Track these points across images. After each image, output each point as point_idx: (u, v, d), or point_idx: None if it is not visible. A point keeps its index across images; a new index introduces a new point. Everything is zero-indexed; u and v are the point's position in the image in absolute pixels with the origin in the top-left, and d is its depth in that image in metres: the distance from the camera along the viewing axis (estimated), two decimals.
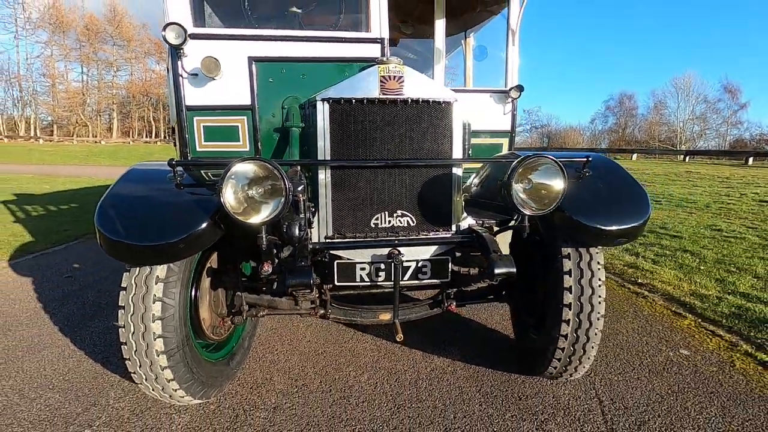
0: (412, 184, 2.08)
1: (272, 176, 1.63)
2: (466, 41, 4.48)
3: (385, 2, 2.30)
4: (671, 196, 10.43)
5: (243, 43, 2.25)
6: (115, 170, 22.96)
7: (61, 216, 8.30)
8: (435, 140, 2.09)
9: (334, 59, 2.29)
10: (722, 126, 49.70)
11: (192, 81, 2.22)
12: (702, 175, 15.37)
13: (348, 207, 2.06)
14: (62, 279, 4.39)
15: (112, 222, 1.67)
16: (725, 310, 3.47)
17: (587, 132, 59.57)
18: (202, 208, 1.72)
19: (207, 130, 2.31)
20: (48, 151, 34.88)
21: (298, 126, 2.26)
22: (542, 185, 1.84)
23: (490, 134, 3.53)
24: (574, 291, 2.03)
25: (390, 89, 1.99)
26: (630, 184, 2.14)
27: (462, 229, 2.18)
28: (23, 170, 20.80)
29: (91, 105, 59.23)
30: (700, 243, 5.74)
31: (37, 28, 54.18)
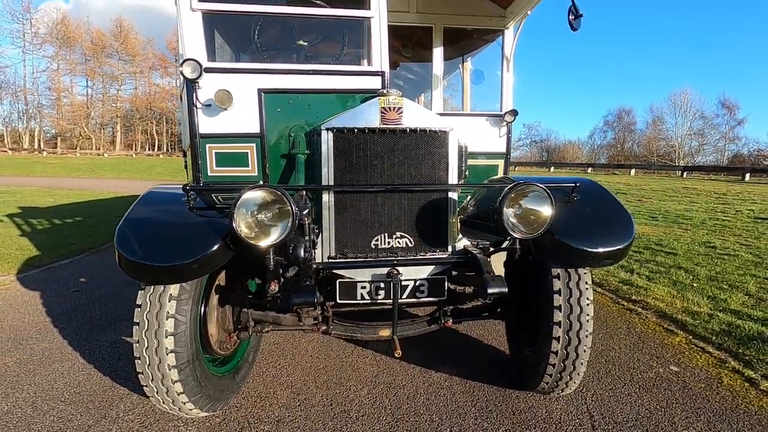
0: (411, 207, 2.22)
1: (280, 201, 1.76)
2: (464, 65, 4.67)
3: (385, 38, 2.47)
4: (668, 212, 10.56)
5: (253, 76, 2.41)
6: (119, 183, 23.19)
7: (66, 229, 8.43)
8: (432, 166, 2.23)
9: (337, 91, 2.45)
10: (720, 141, 50.16)
11: (205, 111, 2.37)
12: (699, 191, 15.52)
13: (350, 229, 2.19)
14: (69, 293, 4.49)
15: (131, 244, 1.79)
16: (716, 327, 3.57)
17: (586, 147, 60.09)
18: (214, 230, 1.85)
19: (218, 156, 2.46)
20: (51, 163, 35.19)
21: (303, 153, 2.41)
22: (532, 211, 1.97)
23: (486, 156, 3.68)
24: (564, 310, 2.14)
25: (390, 119, 2.14)
26: (616, 208, 2.27)
27: (458, 250, 2.30)
28: (27, 182, 21.01)
29: (95, 118, 59.94)
30: (694, 260, 5.85)
31: (44, 42, 55.18)
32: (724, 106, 49.39)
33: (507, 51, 3.69)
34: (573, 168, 35.38)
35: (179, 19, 2.37)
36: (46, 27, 54.98)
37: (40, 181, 22.86)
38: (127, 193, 16.76)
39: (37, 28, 54.44)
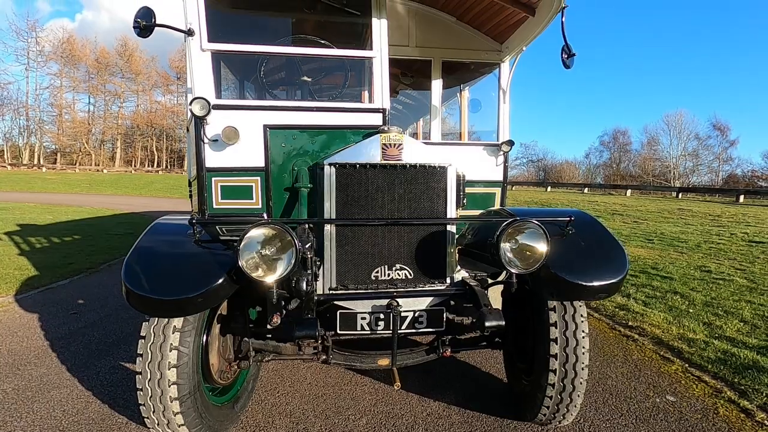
0: (410, 240, 2.28)
1: (283, 237, 1.82)
2: (462, 94, 4.80)
3: (386, 77, 2.57)
4: (663, 235, 10.66)
5: (259, 112, 2.51)
6: (118, 199, 23.25)
7: (65, 248, 8.44)
8: (431, 200, 2.30)
9: (340, 127, 2.54)
10: (714, 162, 50.82)
11: (212, 146, 2.45)
12: (694, 213, 15.68)
13: (351, 261, 2.24)
14: (67, 316, 4.49)
15: (138, 277, 1.84)
16: (711, 355, 3.60)
17: (583, 166, 60.71)
18: (219, 264, 1.90)
19: (224, 189, 2.53)
20: (50, 179, 35.27)
21: (306, 186, 2.48)
22: (527, 246, 2.03)
23: (483, 184, 3.77)
24: (560, 342, 2.18)
25: (391, 155, 2.22)
26: (609, 242, 2.34)
27: (456, 282, 2.35)
28: (26, 198, 21.03)
29: (96, 134, 60.34)
30: (689, 285, 5.90)
31: (48, 60, 55.92)
32: (716, 127, 50.30)
33: (503, 83, 3.81)
34: (569, 188, 35.68)
35: (189, 57, 2.47)
36: (51, 45, 55.90)
37: (39, 197, 22.89)
38: (125, 210, 16.80)
39: (42, 46, 55.36)
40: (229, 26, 2.74)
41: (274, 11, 2.83)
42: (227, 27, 2.68)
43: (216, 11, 2.50)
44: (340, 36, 2.84)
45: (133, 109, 61.96)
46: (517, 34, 3.52)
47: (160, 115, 61.53)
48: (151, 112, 61.28)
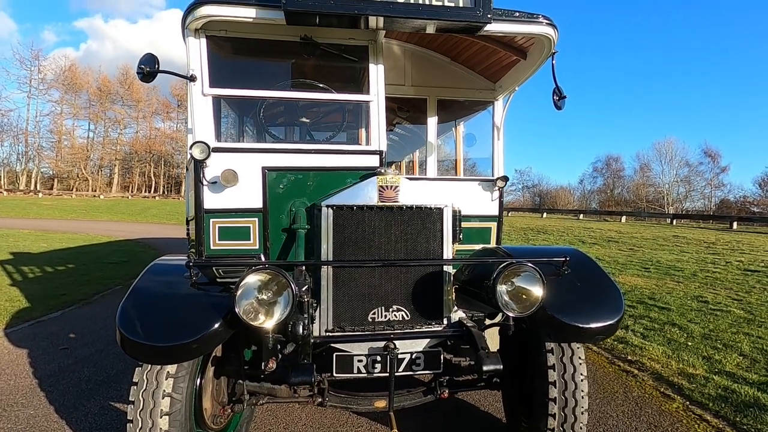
0: (407, 281, 2.28)
1: (279, 280, 1.83)
2: (457, 128, 4.90)
3: (383, 120, 2.64)
4: (659, 263, 10.69)
5: (258, 154, 2.56)
6: (113, 225, 23.15)
7: (58, 278, 8.35)
8: (427, 241, 2.32)
9: (337, 168, 2.59)
10: (706, 188, 51.47)
11: (211, 188, 2.48)
12: (689, 240, 15.77)
13: (347, 302, 2.24)
14: (58, 351, 4.40)
15: (132, 323, 1.82)
16: (712, 392, 3.56)
17: (577, 192, 61.27)
18: (216, 308, 1.89)
19: (221, 230, 2.54)
20: (47, 205, 35.17)
21: (304, 227, 2.50)
22: (523, 289, 2.05)
23: (479, 219, 3.79)
24: (558, 386, 2.16)
25: (387, 197, 2.25)
26: (605, 283, 2.35)
27: (453, 322, 2.34)
28: (21, 225, 20.91)
29: (94, 160, 60.63)
30: (687, 316, 5.88)
31: (50, 88, 56.73)
32: (707, 154, 51.18)
33: (497, 120, 3.91)
34: (565, 214, 35.92)
35: (190, 101, 2.53)
36: (53, 73, 56.84)
37: (35, 223, 22.77)
38: (121, 237, 16.71)
39: (45, 74, 56.24)
40: (230, 71, 2.82)
41: (274, 57, 2.92)
42: (228, 71, 2.76)
43: (218, 56, 2.59)
44: (338, 79, 2.93)
45: (133, 136, 62.58)
46: (510, 75, 3.63)
47: (159, 142, 62.08)
48: (150, 139, 61.85)
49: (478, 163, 5.34)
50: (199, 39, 2.48)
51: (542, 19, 2.67)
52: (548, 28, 2.69)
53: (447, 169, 5.48)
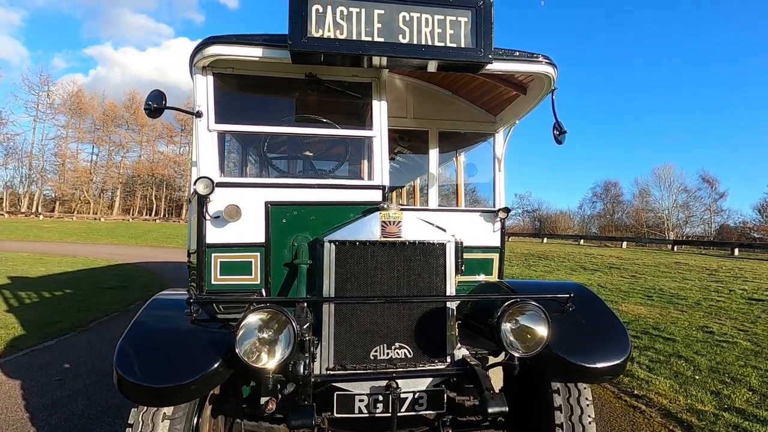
0: (409, 317, 2.25)
1: (280, 318, 1.80)
2: (458, 158, 4.95)
3: (386, 155, 2.67)
4: (662, 291, 10.59)
5: (261, 189, 2.57)
6: (113, 248, 23.07)
7: (55, 303, 8.26)
8: (430, 277, 2.30)
9: (340, 203, 2.60)
10: (705, 214, 51.57)
11: (214, 222, 2.49)
12: (691, 267, 15.67)
13: (349, 340, 2.20)
14: (51, 382, 4.31)
15: (130, 363, 1.79)
16: (722, 430, 3.46)
17: (577, 217, 61.37)
18: (215, 348, 1.86)
19: (223, 265, 2.53)
20: (47, 227, 35.19)
21: (306, 263, 2.49)
22: (528, 329, 2.02)
23: (481, 250, 3.78)
24: (566, 428, 2.11)
25: (390, 233, 2.25)
26: (610, 320, 2.32)
27: (456, 360, 2.30)
28: (21, 248, 20.84)
29: (97, 183, 61.02)
30: (693, 347, 5.78)
31: (57, 112, 57.69)
32: (705, 180, 51.52)
33: (498, 152, 3.95)
34: (565, 239, 35.87)
35: (196, 136, 2.57)
36: (60, 98, 57.94)
37: (34, 246, 22.71)
38: (120, 261, 16.64)
39: (53, 99, 57.32)
40: (236, 106, 2.87)
41: (278, 93, 2.98)
42: (234, 107, 2.81)
43: (224, 92, 2.64)
44: (341, 114, 2.98)
45: (136, 159, 63.23)
46: (510, 109, 3.70)
47: (162, 165, 62.68)
48: (153, 162, 62.46)
49: (478, 188, 5.38)
50: (206, 76, 2.53)
51: (542, 59, 2.73)
52: (548, 67, 2.75)
53: (447, 194, 5.52)
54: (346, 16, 2.29)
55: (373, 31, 2.31)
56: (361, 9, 2.31)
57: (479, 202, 5.98)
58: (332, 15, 2.28)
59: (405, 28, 2.34)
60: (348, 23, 2.29)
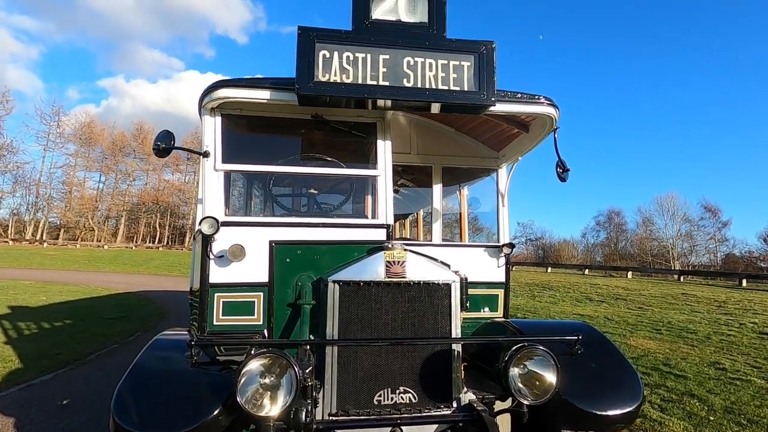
0: (414, 360, 2.21)
1: (282, 363, 1.77)
2: (461, 192, 4.98)
3: (390, 194, 2.69)
4: (670, 324, 10.38)
5: (265, 228, 2.58)
6: (115, 277, 22.98)
7: (54, 335, 8.17)
8: (435, 318, 2.27)
9: (344, 242, 2.60)
10: (710, 243, 51.12)
11: (217, 262, 2.49)
12: (699, 299, 15.41)
13: (352, 384, 2.16)
14: (46, 420, 4.21)
15: (128, 410, 1.75)
16: None
17: (581, 245, 60.94)
18: (216, 393, 1.82)
19: (225, 305, 2.51)
20: (50, 255, 35.25)
21: (309, 303, 2.46)
22: (537, 374, 1.97)
23: (486, 286, 3.74)
24: None
25: (394, 273, 2.24)
26: (621, 364, 2.27)
27: (463, 405, 2.24)
28: (23, 275, 20.81)
29: (102, 211, 61.51)
30: (705, 385, 5.61)
31: (67, 141, 58.86)
32: (707, 209, 51.35)
33: (501, 187, 3.98)
34: (569, 269, 35.52)
35: (202, 174, 2.60)
36: (71, 128, 59.22)
37: (37, 274, 22.66)
38: (121, 289, 16.55)
39: (63, 129, 58.60)
40: (242, 145, 2.93)
41: (284, 133, 3.04)
42: (240, 146, 2.86)
43: (231, 132, 2.69)
44: (346, 152, 3.03)
45: (141, 187, 63.91)
46: (513, 146, 3.75)
47: (167, 193, 63.26)
48: (158, 190, 63.07)
49: (481, 217, 5.37)
50: (215, 117, 2.60)
51: (543, 100, 2.79)
52: (549, 108, 2.81)
53: (450, 223, 5.51)
54: (353, 61, 2.36)
55: (378, 75, 2.38)
56: (367, 54, 2.38)
57: (482, 231, 5.97)
58: (339, 60, 2.35)
59: (409, 72, 2.41)
60: (354, 68, 2.36)
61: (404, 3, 2.48)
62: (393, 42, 2.41)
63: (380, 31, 2.41)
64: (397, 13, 2.46)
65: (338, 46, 2.37)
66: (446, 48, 2.45)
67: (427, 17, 2.47)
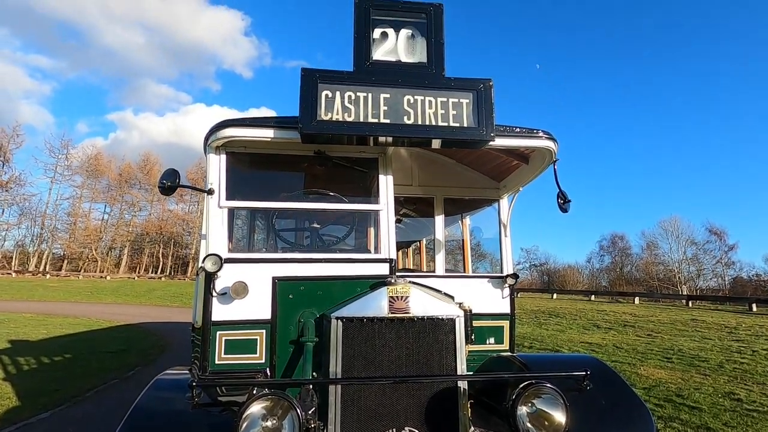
0: (420, 398, 2.17)
1: (284, 405, 1.74)
2: (463, 221, 4.99)
3: (393, 228, 2.71)
4: (681, 351, 10.14)
5: (268, 265, 2.59)
6: (116, 308, 22.82)
7: (53, 370, 8.05)
8: (440, 355, 2.24)
9: (347, 277, 2.60)
10: (717, 266, 50.48)
11: (220, 299, 2.48)
12: (708, 325, 15.11)
13: (356, 424, 2.11)
14: None
15: None
16: None
17: (586, 270, 60.32)
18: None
19: (228, 344, 2.49)
20: (53, 286, 35.14)
21: (312, 340, 2.44)
22: (545, 413, 1.93)
23: (491, 317, 3.70)
24: None
25: (398, 308, 2.23)
26: (631, 400, 2.22)
27: None
28: (25, 308, 20.70)
29: (106, 241, 61.64)
30: (721, 418, 5.43)
31: (74, 173, 59.69)
32: (712, 232, 50.99)
33: (503, 218, 3.99)
34: (575, 295, 35.04)
35: (207, 211, 2.64)
36: (79, 161, 60.18)
37: (38, 306, 22.54)
38: (122, 321, 16.40)
39: (71, 161, 59.54)
40: (246, 182, 2.98)
41: (288, 169, 3.10)
42: (244, 183, 2.91)
43: (235, 169, 2.74)
44: (348, 186, 3.07)
45: (146, 218, 64.27)
46: (513, 177, 3.79)
47: (171, 223, 63.55)
48: (162, 220, 63.39)
49: (484, 243, 5.35)
50: (220, 155, 2.65)
51: (542, 134, 2.84)
52: (548, 141, 2.86)
53: (453, 250, 5.50)
54: (354, 100, 2.43)
55: (379, 113, 2.44)
56: (368, 93, 2.46)
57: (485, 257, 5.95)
58: (341, 99, 2.42)
59: (410, 110, 2.47)
60: (356, 106, 2.43)
61: (404, 44, 2.57)
62: (393, 81, 2.49)
63: (381, 71, 2.49)
64: (396, 54, 2.55)
65: (340, 86, 2.44)
66: (445, 86, 2.53)
67: (425, 57, 2.56)
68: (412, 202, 5.18)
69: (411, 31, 2.59)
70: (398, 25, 2.58)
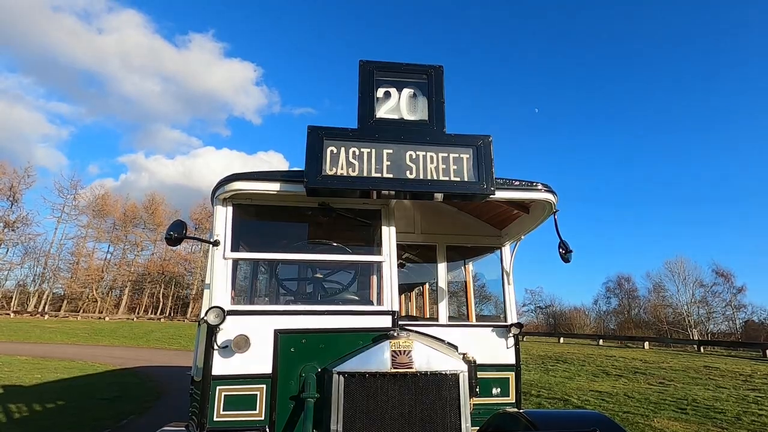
0: None
1: None
2: (466, 267, 4.99)
3: (395, 280, 2.74)
4: (696, 401, 9.75)
5: (271, 317, 2.60)
6: (114, 351, 22.31)
7: (45, 419, 7.79)
8: (443, 411, 2.20)
9: (350, 330, 2.59)
10: (727, 309, 49.27)
11: (221, 352, 2.47)
12: (723, 372, 14.59)
13: None
14: None
15: None
16: None
17: (593, 313, 58.97)
18: None
19: (227, 399, 2.44)
20: (50, 327, 34.59)
21: (313, 396, 2.40)
22: None
23: (496, 368, 3.62)
24: None
25: (401, 363, 2.21)
26: None
27: None
28: (20, 350, 20.28)
29: (107, 281, 61.26)
30: None
31: (81, 213, 60.33)
32: (719, 274, 50.17)
33: (506, 265, 4.00)
34: (582, 339, 34.10)
35: (211, 262, 2.68)
36: (86, 201, 61.00)
37: (34, 348, 22.06)
38: (119, 365, 16.00)
39: (78, 201, 60.36)
40: (251, 232, 3.04)
41: (292, 220, 3.17)
42: (249, 233, 2.97)
43: (241, 220, 2.81)
44: (351, 237, 3.13)
45: (148, 257, 64.19)
46: (515, 225, 3.84)
47: (173, 263, 63.37)
48: (164, 260, 63.25)
49: (488, 285, 5.31)
50: (226, 207, 2.73)
51: (541, 187, 2.92)
52: (547, 194, 2.93)
53: (456, 291, 5.44)
54: (358, 155, 2.54)
55: (382, 168, 2.54)
56: (371, 149, 2.56)
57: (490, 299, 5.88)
58: (345, 155, 2.52)
59: (412, 165, 2.56)
60: (359, 162, 2.53)
61: (406, 103, 2.71)
62: (396, 137, 2.60)
63: (384, 128, 2.61)
64: (399, 112, 2.68)
65: (345, 142, 2.55)
66: (446, 142, 2.63)
67: (427, 115, 2.68)
68: (415, 247, 5.22)
69: (413, 90, 2.74)
70: (401, 85, 2.72)
